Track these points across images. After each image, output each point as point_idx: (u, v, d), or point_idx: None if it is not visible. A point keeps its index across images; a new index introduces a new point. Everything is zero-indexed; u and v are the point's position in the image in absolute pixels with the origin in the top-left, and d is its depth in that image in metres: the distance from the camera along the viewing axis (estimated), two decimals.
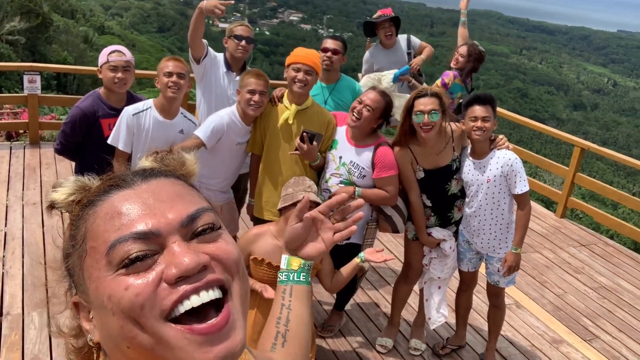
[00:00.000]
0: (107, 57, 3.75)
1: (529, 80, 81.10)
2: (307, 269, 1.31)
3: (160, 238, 0.76)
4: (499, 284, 3.90)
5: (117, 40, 51.19)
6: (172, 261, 0.75)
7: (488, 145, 3.70)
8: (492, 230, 3.75)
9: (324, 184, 3.78)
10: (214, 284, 0.76)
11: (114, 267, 0.75)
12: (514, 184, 3.62)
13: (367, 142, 3.71)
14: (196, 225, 0.80)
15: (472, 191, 3.75)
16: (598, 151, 7.34)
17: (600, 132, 64.46)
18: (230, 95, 4.32)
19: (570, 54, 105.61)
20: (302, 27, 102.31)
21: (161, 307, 0.73)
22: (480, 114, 3.56)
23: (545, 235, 6.70)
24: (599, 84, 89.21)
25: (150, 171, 0.86)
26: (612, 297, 5.52)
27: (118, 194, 0.81)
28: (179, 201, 0.81)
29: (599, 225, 11.44)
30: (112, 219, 0.78)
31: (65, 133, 3.85)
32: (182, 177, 0.89)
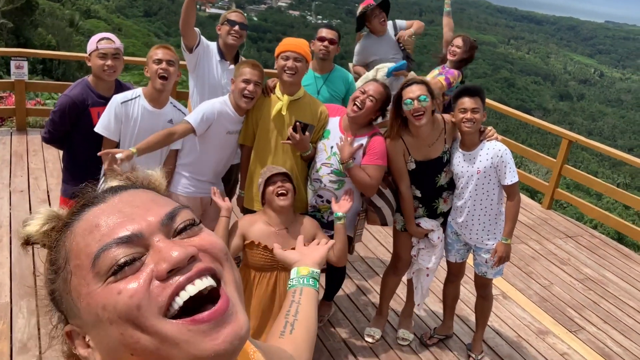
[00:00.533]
0: (97, 45, 3.70)
1: (516, 70, 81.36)
2: (315, 276, 1.41)
3: (144, 239, 0.76)
4: (486, 275, 3.94)
5: (103, 24, 50.62)
6: (160, 257, 0.74)
7: (478, 137, 3.71)
8: (481, 222, 3.78)
9: (315, 173, 3.78)
10: (206, 272, 0.76)
11: (103, 276, 0.74)
12: (503, 174, 3.65)
13: (362, 132, 3.70)
14: (176, 222, 0.80)
15: (462, 183, 3.77)
16: (585, 143, 7.40)
17: (586, 123, 64.92)
18: (224, 85, 4.30)
19: (557, 44, 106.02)
20: (290, 14, 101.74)
21: (158, 304, 0.73)
22: (469, 105, 3.58)
23: (531, 227, 6.76)
24: (586, 74, 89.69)
25: (120, 187, 0.86)
26: (598, 288, 5.60)
27: (92, 210, 0.81)
28: (154, 205, 0.81)
29: (583, 216, 11.59)
30: (91, 233, 0.77)
31: (54, 122, 3.80)
32: (152, 188, 0.90)
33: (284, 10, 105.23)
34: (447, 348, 4.27)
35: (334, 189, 3.73)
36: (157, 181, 0.93)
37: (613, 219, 7.15)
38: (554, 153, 7.45)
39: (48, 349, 3.52)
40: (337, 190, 3.73)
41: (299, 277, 1.41)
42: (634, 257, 6.45)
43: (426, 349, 4.23)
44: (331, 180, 3.72)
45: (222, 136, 3.78)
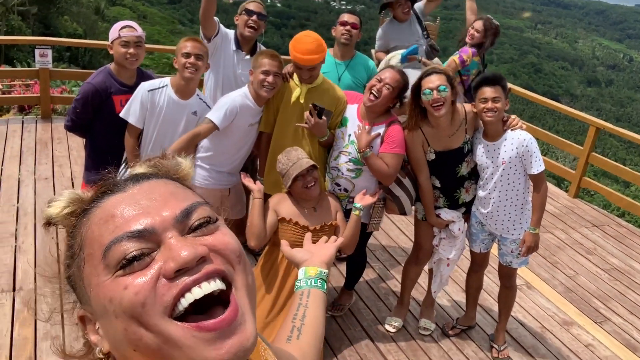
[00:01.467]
0: (119, 33, 3.69)
1: (543, 55, 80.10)
2: (324, 277, 1.39)
3: (156, 235, 0.75)
4: (511, 265, 3.88)
5: (128, 11, 50.99)
6: (169, 256, 0.73)
7: (501, 127, 3.64)
8: (507, 212, 3.72)
9: (333, 161, 3.76)
10: (215, 274, 0.75)
11: (112, 269, 0.73)
12: (529, 164, 3.58)
13: (380, 120, 3.66)
14: (191, 219, 0.78)
15: (486, 174, 3.70)
16: (613, 130, 7.24)
17: (614, 109, 63.77)
18: (238, 75, 4.28)
19: (585, 28, 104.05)
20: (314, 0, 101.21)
21: (163, 304, 0.71)
22: (490, 94, 3.50)
23: (557, 216, 6.65)
24: (615, 59, 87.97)
25: (142, 175, 0.85)
26: (624, 279, 5.49)
27: (110, 199, 0.80)
28: (172, 199, 0.80)
29: (610, 204, 11.39)
30: (105, 222, 0.76)
31: (76, 110, 3.81)
32: (176, 179, 0.88)
33: None
34: (469, 338, 4.23)
35: (352, 177, 3.70)
36: (183, 171, 0.91)
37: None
38: (581, 140, 7.30)
39: (72, 336, 3.57)
40: (354, 178, 3.70)
41: (307, 279, 1.39)
42: None
43: (448, 339, 4.20)
44: (349, 169, 3.69)
45: (244, 129, 3.79)
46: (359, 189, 3.67)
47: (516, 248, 3.79)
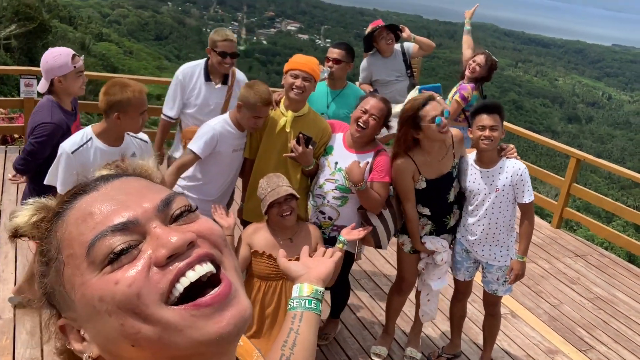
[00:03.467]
0: (74, 65, 3.58)
1: (524, 92, 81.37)
2: (319, 297, 1.35)
3: (140, 226, 0.74)
4: (497, 293, 3.89)
5: (115, 47, 51.21)
6: (158, 243, 0.72)
7: (496, 154, 3.68)
8: (495, 239, 3.74)
9: (317, 189, 3.76)
10: (206, 257, 0.75)
11: (98, 266, 0.72)
12: (521, 193, 3.63)
13: (367, 148, 3.70)
14: (172, 208, 0.78)
15: (477, 200, 3.72)
16: (594, 162, 7.36)
17: (595, 145, 64.64)
18: (213, 105, 4.34)
19: (565, 67, 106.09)
20: (299, 37, 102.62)
21: (158, 291, 0.70)
22: (487, 123, 3.54)
23: (540, 246, 6.69)
24: (594, 97, 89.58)
25: (110, 175, 0.84)
26: (608, 308, 5.51)
27: (84, 198, 0.78)
28: (148, 191, 0.79)
29: (593, 237, 11.48)
30: (84, 221, 0.75)
31: (34, 152, 3.54)
32: (143, 175, 0.87)
33: (293, 34, 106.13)
34: None
35: (338, 205, 3.71)
36: (149, 169, 0.90)
37: (624, 238, 7.06)
38: (563, 175, 7.40)
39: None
40: (340, 207, 3.71)
41: (301, 299, 1.34)
42: None
43: None
44: (335, 197, 3.70)
45: (229, 155, 3.77)
46: (344, 217, 3.68)
47: (502, 275, 3.80)
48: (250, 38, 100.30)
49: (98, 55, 41.14)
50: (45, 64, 3.59)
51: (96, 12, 74.85)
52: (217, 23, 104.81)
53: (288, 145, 3.70)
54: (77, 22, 48.80)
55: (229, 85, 4.42)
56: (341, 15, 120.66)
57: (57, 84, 3.61)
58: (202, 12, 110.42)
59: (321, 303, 1.36)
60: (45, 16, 29.14)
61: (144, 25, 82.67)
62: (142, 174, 0.88)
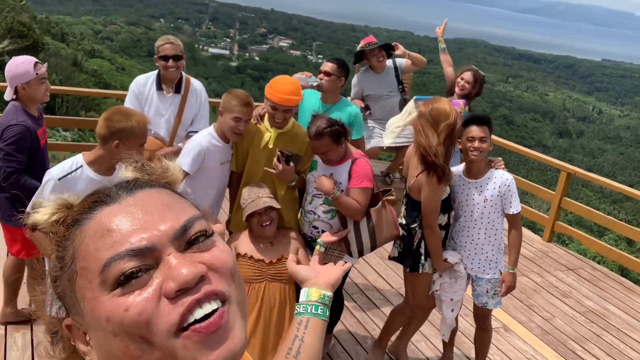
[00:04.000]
0: (36, 72, 3.66)
1: (515, 107, 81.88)
2: (327, 301, 1.35)
3: (156, 252, 0.75)
4: (487, 305, 3.90)
5: (107, 63, 51.26)
6: (169, 274, 0.73)
7: (484, 165, 3.72)
8: (484, 251, 3.76)
9: (308, 205, 3.80)
10: (214, 296, 0.75)
11: (109, 286, 0.73)
12: (509, 203, 3.66)
13: (343, 158, 3.68)
14: (189, 234, 0.78)
15: (465, 211, 3.75)
16: (584, 176, 7.41)
17: (586, 160, 65.01)
18: (167, 115, 4.35)
19: (555, 82, 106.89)
20: (291, 53, 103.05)
21: (169, 322, 0.72)
22: (477, 134, 3.60)
23: (532, 259, 6.71)
24: (585, 111, 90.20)
25: (134, 183, 0.84)
26: (600, 321, 5.53)
27: (104, 210, 0.78)
28: (169, 212, 0.79)
29: (585, 251, 11.52)
30: (102, 237, 0.75)
31: (12, 153, 3.54)
32: (166, 185, 0.88)
33: (285, 50, 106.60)
34: None
35: (329, 218, 3.73)
36: (173, 175, 0.91)
37: (616, 252, 7.10)
38: (554, 189, 7.45)
39: None
40: (331, 219, 3.73)
41: (308, 304, 1.33)
42: (636, 289, 6.39)
43: None
44: (324, 211, 3.73)
45: (217, 168, 3.76)
46: (336, 229, 3.71)
47: (491, 288, 3.82)
48: (242, 54, 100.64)
49: (90, 72, 41.14)
50: (8, 72, 3.70)
51: (88, 29, 75.04)
52: (209, 39, 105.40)
53: (272, 161, 3.72)
54: (70, 39, 48.90)
55: (182, 93, 4.42)
56: (333, 32, 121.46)
57: (21, 91, 3.70)
58: (194, 29, 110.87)
59: (328, 309, 1.35)
60: (38, 33, 29.24)
61: (136, 42, 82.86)
62: (166, 182, 0.88)
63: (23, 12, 32.50)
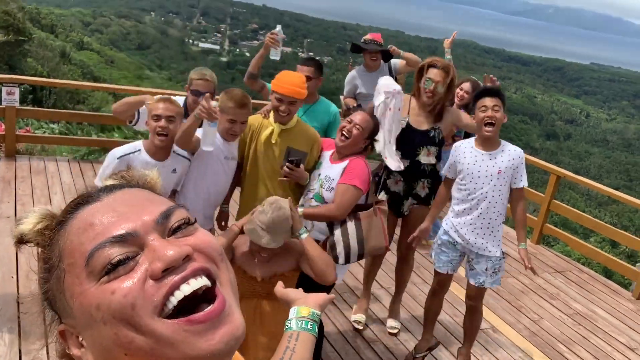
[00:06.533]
0: None
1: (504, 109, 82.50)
2: (316, 319, 1.38)
3: (139, 238, 0.76)
4: (484, 284, 3.89)
5: (96, 56, 50.95)
6: (155, 256, 0.74)
7: (497, 138, 3.77)
8: (490, 225, 3.77)
9: (302, 199, 3.81)
10: (201, 272, 0.75)
11: (96, 276, 0.73)
12: (519, 177, 3.74)
13: (344, 158, 3.65)
14: (171, 221, 0.79)
15: (476, 183, 3.74)
16: (573, 179, 7.46)
17: (573, 162, 65.49)
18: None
19: (544, 84, 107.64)
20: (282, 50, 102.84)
21: (153, 304, 0.72)
22: (490, 103, 3.65)
23: (520, 261, 6.72)
24: (572, 114, 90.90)
25: (114, 185, 0.86)
26: (587, 323, 5.57)
27: (86, 209, 0.80)
28: (149, 203, 0.81)
29: (570, 253, 11.61)
30: (85, 231, 0.77)
31: None
32: (146, 187, 0.89)
33: None
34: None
35: None
36: (152, 180, 0.92)
37: (602, 254, 7.16)
38: (541, 191, 7.51)
39: None
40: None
41: (298, 319, 1.36)
42: (623, 292, 6.45)
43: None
44: (311, 206, 3.68)
45: (217, 160, 3.64)
46: (317, 228, 3.70)
47: (491, 266, 3.83)
48: (233, 50, 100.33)
49: (78, 64, 40.84)
50: None
51: (78, 20, 74.49)
52: (200, 34, 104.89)
53: (275, 157, 3.72)
54: (58, 30, 48.51)
55: None
56: (324, 29, 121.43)
57: None
58: (185, 23, 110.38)
59: (317, 325, 1.37)
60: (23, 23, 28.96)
61: (126, 35, 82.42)
62: (144, 184, 0.90)
63: (11, 2, 32.21)
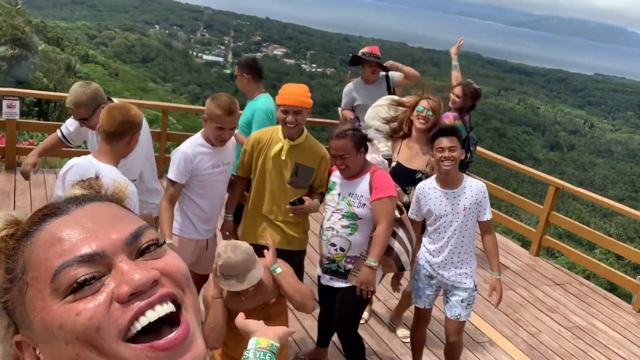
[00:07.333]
0: None
1: (507, 120, 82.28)
2: (274, 350, 1.40)
3: (106, 259, 0.74)
4: (460, 318, 3.89)
5: (101, 68, 51.22)
6: (122, 279, 0.73)
7: (458, 175, 3.78)
8: (461, 259, 3.81)
9: (326, 222, 3.76)
10: (167, 297, 0.75)
11: (61, 294, 0.72)
12: (484, 210, 3.78)
13: (361, 171, 3.70)
14: (140, 242, 0.78)
15: (444, 222, 3.78)
16: (572, 190, 7.44)
17: (577, 173, 65.36)
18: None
19: (547, 95, 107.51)
20: (285, 62, 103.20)
21: (117, 327, 0.71)
22: (446, 144, 3.67)
23: (519, 273, 6.72)
24: (576, 125, 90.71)
25: (83, 197, 0.84)
26: (587, 337, 5.53)
27: (55, 221, 0.79)
28: (119, 222, 0.79)
29: (574, 265, 11.54)
30: (52, 245, 0.75)
31: None
32: (115, 200, 0.88)
33: (279, 58, 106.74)
34: None
35: (347, 234, 3.68)
36: (121, 192, 0.91)
37: (603, 267, 7.12)
38: (544, 202, 7.47)
39: None
40: (350, 235, 3.68)
41: (256, 350, 1.37)
42: (623, 305, 6.40)
43: None
44: (343, 226, 3.67)
45: (210, 172, 3.68)
46: (356, 247, 3.68)
47: (467, 298, 3.83)
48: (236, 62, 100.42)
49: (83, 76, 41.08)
50: None
51: (83, 33, 74.99)
52: (204, 47, 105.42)
53: (284, 173, 3.75)
54: (64, 43, 48.87)
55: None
56: (327, 41, 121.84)
57: None
58: (189, 36, 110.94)
59: (275, 357, 1.38)
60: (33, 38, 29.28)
61: (130, 48, 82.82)
62: (113, 197, 0.89)
63: (18, 16, 32.53)
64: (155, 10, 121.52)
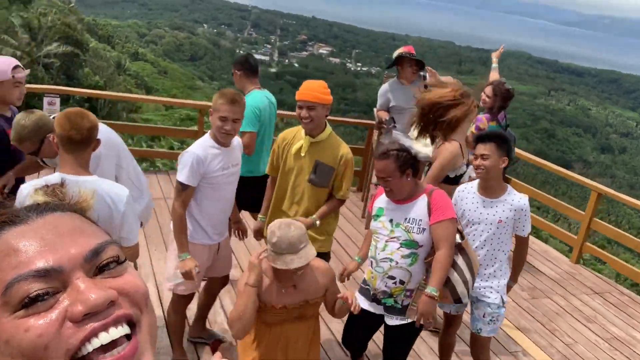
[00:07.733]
0: (12, 75, 3.61)
1: (557, 121, 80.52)
2: None
3: (63, 275, 0.71)
4: (480, 332, 3.78)
5: (150, 66, 52.31)
6: (77, 298, 0.70)
7: (500, 185, 3.67)
8: (488, 273, 3.72)
9: (380, 253, 3.34)
10: (123, 319, 0.73)
11: (12, 308, 0.69)
12: (522, 226, 3.65)
13: (414, 195, 3.34)
14: (100, 259, 0.75)
15: (475, 229, 3.70)
16: (615, 196, 7.21)
17: (628, 177, 63.45)
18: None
19: (599, 96, 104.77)
20: (330, 60, 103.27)
21: (67, 346, 0.69)
22: (479, 151, 3.61)
23: (557, 281, 6.56)
24: (628, 127, 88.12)
25: (45, 206, 0.80)
26: (625, 349, 5.36)
27: (12, 230, 0.75)
28: (80, 235, 0.76)
29: (620, 275, 11.21)
30: (7, 256, 0.72)
31: None
32: (78, 210, 0.84)
33: (324, 57, 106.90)
34: None
35: (408, 264, 3.29)
36: (85, 201, 0.87)
37: None
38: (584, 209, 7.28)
39: None
40: (411, 266, 3.29)
41: None
42: None
43: None
44: (403, 255, 3.29)
45: (220, 174, 3.57)
46: (415, 278, 3.33)
47: (489, 314, 3.72)
48: (282, 60, 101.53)
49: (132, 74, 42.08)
50: None
51: (134, 32, 76.76)
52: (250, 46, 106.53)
53: (305, 170, 3.73)
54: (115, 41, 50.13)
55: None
56: (373, 40, 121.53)
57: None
58: (236, 35, 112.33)
59: None
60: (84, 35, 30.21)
61: (179, 46, 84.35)
62: (76, 206, 0.85)
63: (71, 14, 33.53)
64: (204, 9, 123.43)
